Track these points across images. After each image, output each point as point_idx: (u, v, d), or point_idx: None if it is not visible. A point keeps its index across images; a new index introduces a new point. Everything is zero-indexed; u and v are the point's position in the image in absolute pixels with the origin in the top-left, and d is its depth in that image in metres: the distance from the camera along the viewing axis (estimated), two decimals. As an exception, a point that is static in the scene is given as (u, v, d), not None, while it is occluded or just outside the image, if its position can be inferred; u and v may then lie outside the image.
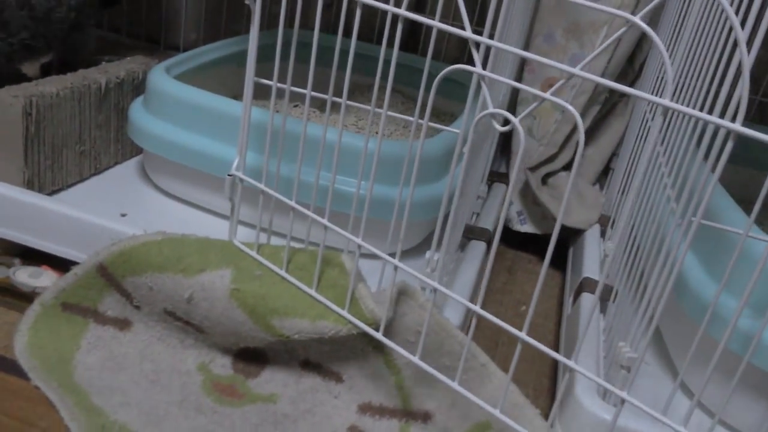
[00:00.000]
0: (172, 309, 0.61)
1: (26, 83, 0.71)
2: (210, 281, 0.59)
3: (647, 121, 0.83)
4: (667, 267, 0.48)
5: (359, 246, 0.56)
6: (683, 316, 0.62)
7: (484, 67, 0.47)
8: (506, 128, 0.45)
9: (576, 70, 0.41)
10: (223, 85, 0.87)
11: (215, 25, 1.21)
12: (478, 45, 0.47)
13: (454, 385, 0.52)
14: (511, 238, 0.99)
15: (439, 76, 0.47)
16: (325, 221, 0.58)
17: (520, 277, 0.94)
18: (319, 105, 0.96)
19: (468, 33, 0.46)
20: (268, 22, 1.20)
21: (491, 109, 0.45)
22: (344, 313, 0.57)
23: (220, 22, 1.20)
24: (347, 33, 0.53)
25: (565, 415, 0.56)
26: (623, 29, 0.41)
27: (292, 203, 0.59)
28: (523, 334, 0.47)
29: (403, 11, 0.49)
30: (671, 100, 0.38)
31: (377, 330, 0.56)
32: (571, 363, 0.46)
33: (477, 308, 0.50)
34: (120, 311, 0.63)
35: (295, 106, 0.94)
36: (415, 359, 0.54)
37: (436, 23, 0.49)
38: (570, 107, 0.42)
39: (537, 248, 0.99)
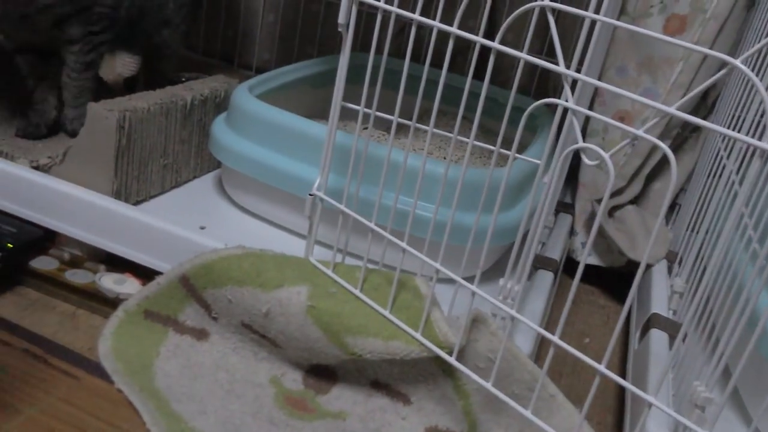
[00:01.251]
0: (249, 322, 0.63)
1: (119, 98, 0.75)
2: (287, 297, 0.60)
3: (721, 158, 0.82)
4: (743, 308, 0.47)
5: (437, 271, 0.57)
6: (758, 359, 0.61)
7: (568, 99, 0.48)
8: (595, 163, 0.46)
9: (671, 110, 0.42)
10: (298, 106, 0.90)
11: (288, 47, 1.25)
12: (571, 80, 0.47)
13: (527, 413, 0.53)
14: (573, 270, 0.98)
15: (529, 110, 0.48)
16: (404, 244, 0.59)
17: (582, 308, 0.94)
18: (386, 128, 0.98)
19: (562, 69, 0.47)
20: (341, 47, 1.24)
21: (581, 144, 0.46)
22: (417, 335, 0.58)
23: (293, 44, 1.24)
24: (416, 58, 0.54)
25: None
26: (722, 72, 0.41)
27: (371, 225, 0.61)
28: (602, 367, 0.48)
29: (498, 46, 0.51)
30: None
31: (450, 354, 0.57)
32: (650, 398, 0.46)
33: (555, 338, 0.50)
34: (198, 322, 0.65)
35: (364, 128, 0.96)
36: (488, 385, 0.55)
37: (524, 56, 0.50)
38: (664, 146, 0.43)
39: (600, 281, 0.99)
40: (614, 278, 0.97)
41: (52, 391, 0.59)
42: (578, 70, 0.51)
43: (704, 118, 0.98)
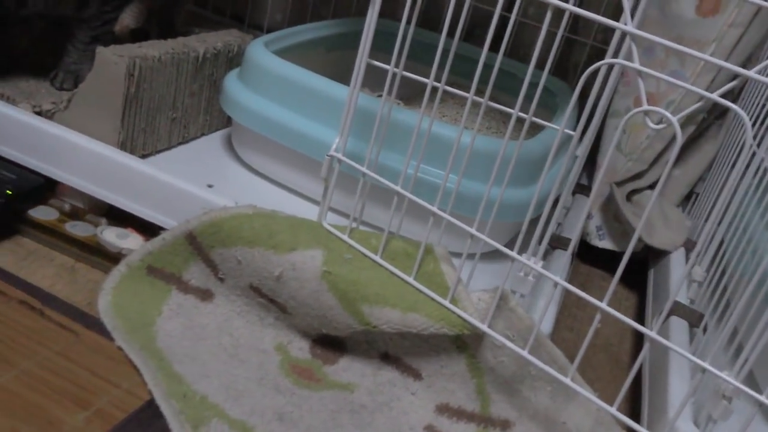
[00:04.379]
0: (258, 285, 0.60)
1: (129, 44, 0.71)
2: (301, 261, 0.58)
3: (750, 147, 0.80)
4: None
5: (471, 236, 0.54)
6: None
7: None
8: (660, 126, 0.43)
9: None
10: (311, 67, 0.87)
11: (301, 8, 1.21)
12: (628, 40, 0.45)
13: (566, 380, 0.51)
14: (586, 253, 0.96)
15: (590, 69, 0.45)
16: (434, 208, 0.56)
17: (594, 294, 0.91)
18: (401, 97, 0.95)
19: (629, 27, 0.44)
20: (356, 10, 1.20)
21: (646, 107, 0.43)
22: (446, 303, 0.55)
23: (307, 5, 1.20)
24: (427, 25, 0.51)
25: (655, 440, 0.54)
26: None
27: (398, 188, 0.58)
28: (652, 333, 0.45)
29: (569, 6, 0.48)
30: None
31: (470, 333, 0.55)
32: (705, 365, 0.44)
33: (604, 305, 0.48)
34: (203, 282, 0.62)
35: (378, 96, 0.93)
36: (525, 353, 0.53)
37: (585, 13, 0.47)
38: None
39: (612, 266, 0.96)
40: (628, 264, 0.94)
41: (48, 344, 0.56)
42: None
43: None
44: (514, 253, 0.54)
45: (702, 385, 0.58)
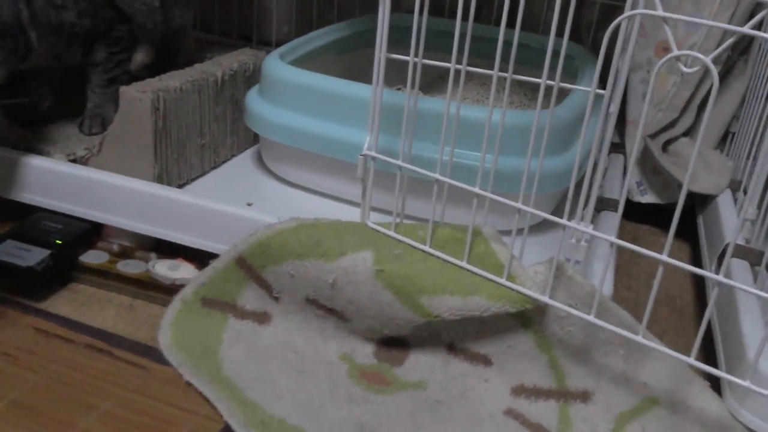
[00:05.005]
0: (314, 296, 0.60)
1: (149, 79, 0.72)
2: (352, 265, 0.58)
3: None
4: None
5: (519, 211, 0.54)
6: None
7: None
8: (694, 69, 0.43)
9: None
10: (326, 73, 0.87)
11: (306, 17, 1.21)
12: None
13: (639, 338, 0.50)
14: (630, 211, 0.95)
15: (614, 24, 0.45)
16: (477, 189, 0.56)
17: (647, 249, 0.90)
18: (420, 87, 0.95)
19: None
20: (361, 10, 1.20)
21: (677, 52, 0.42)
22: (503, 281, 0.55)
23: (312, 13, 1.20)
24: (439, 12, 0.51)
25: (737, 384, 0.53)
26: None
27: (437, 175, 0.58)
28: (719, 277, 0.45)
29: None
30: None
31: (533, 304, 0.55)
32: None
33: (664, 257, 0.47)
34: (259, 304, 0.63)
35: (398, 89, 0.93)
36: (592, 318, 0.52)
37: None
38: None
39: (658, 220, 0.95)
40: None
41: (122, 383, 0.57)
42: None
43: (750, 41, 0.93)
44: (564, 221, 0.54)
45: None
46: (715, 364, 0.61)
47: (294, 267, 0.60)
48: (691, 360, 0.49)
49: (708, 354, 0.68)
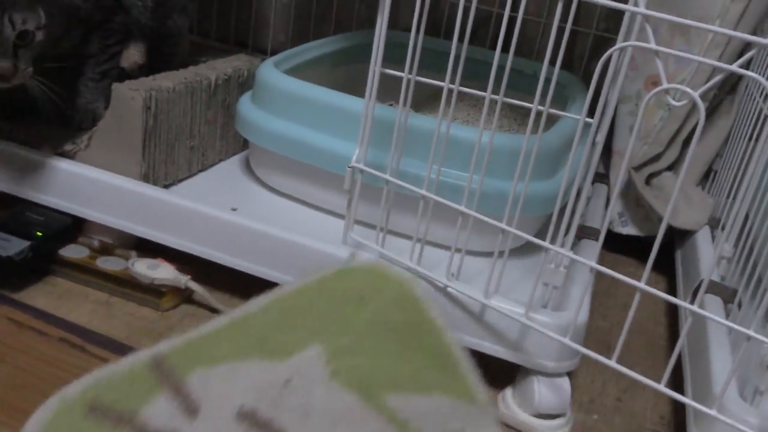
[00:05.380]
0: (252, 407, 0.47)
1: (143, 78, 0.72)
2: (303, 365, 0.49)
3: (765, 117, 0.80)
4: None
5: (502, 231, 0.55)
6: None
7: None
8: (682, 103, 0.44)
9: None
10: (320, 84, 0.88)
11: (303, 28, 1.22)
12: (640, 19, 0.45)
13: (613, 363, 0.50)
14: (610, 241, 0.96)
15: (606, 55, 0.46)
16: (462, 208, 0.56)
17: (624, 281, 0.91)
18: (414, 106, 0.95)
19: (641, 8, 0.45)
20: (357, 25, 1.21)
21: (666, 85, 0.43)
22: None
23: (308, 24, 1.21)
24: (435, 32, 0.52)
25: (701, 417, 0.54)
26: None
27: (423, 191, 0.58)
28: (693, 307, 0.45)
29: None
30: None
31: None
32: (749, 332, 0.44)
33: (641, 284, 0.48)
34: (167, 421, 0.46)
35: (390, 105, 0.94)
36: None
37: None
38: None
39: (637, 252, 0.96)
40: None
41: (93, 379, 0.57)
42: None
43: (738, 80, 0.95)
44: (546, 243, 0.54)
45: (745, 358, 0.58)
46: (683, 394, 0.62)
47: (227, 370, 0.49)
48: (662, 387, 0.50)
49: (678, 387, 0.69)
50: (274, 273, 0.66)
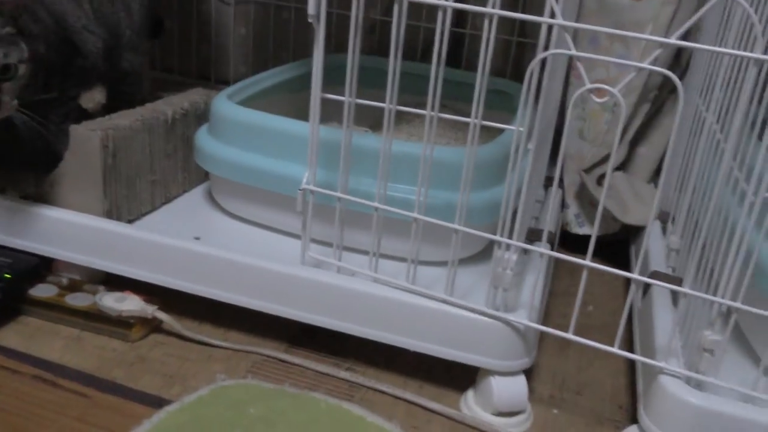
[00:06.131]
0: None
1: (99, 118, 0.75)
2: None
3: (700, 113, 0.83)
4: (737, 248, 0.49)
5: (456, 231, 0.57)
6: (759, 300, 0.62)
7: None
8: (604, 100, 0.48)
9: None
10: (277, 111, 0.90)
11: (263, 58, 1.25)
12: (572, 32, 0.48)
13: (570, 335, 0.53)
14: (569, 242, 0.99)
15: (531, 66, 0.49)
16: (415, 214, 0.59)
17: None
18: (370, 125, 0.99)
19: (557, 19, 0.48)
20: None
21: (589, 85, 0.47)
22: None
23: (268, 54, 1.24)
24: (384, 53, 0.55)
25: (652, 406, 0.57)
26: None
27: (375, 203, 0.61)
28: (635, 275, 0.48)
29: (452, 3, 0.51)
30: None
31: None
32: (686, 289, 0.47)
33: (587, 261, 0.51)
34: None
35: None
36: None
37: (496, 11, 0.51)
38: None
39: (596, 250, 0.99)
40: (609, 246, 0.97)
41: (65, 412, 0.59)
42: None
43: (680, 77, 0.99)
44: (497, 236, 0.57)
45: (688, 343, 0.61)
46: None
47: None
48: (615, 349, 0.57)
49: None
50: (239, 297, 0.69)
